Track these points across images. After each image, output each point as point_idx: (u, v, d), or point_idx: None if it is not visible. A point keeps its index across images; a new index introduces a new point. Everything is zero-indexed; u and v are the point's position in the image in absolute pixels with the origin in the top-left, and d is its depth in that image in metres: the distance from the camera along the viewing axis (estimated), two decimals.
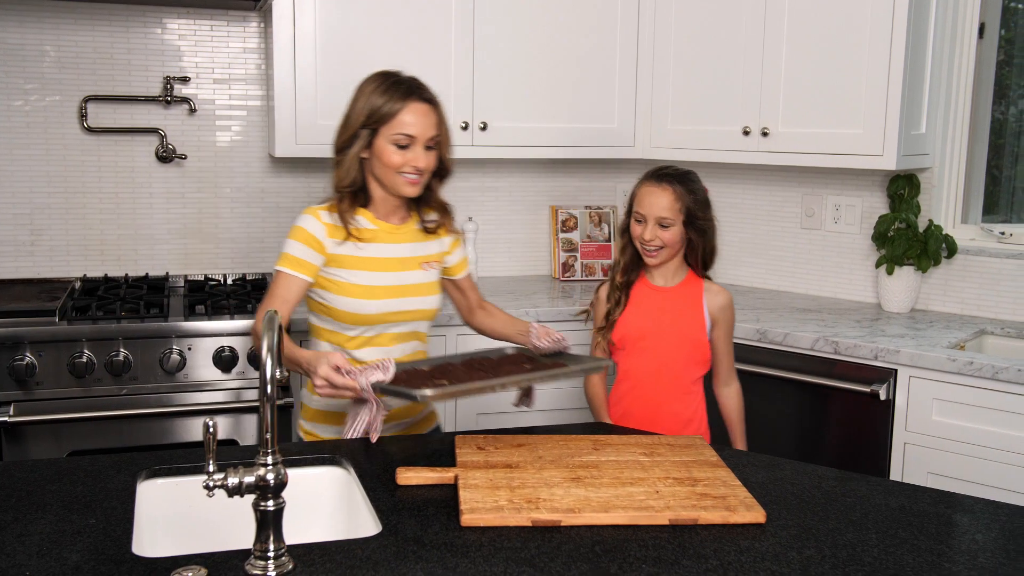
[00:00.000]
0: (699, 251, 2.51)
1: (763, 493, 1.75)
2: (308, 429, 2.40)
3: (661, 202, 2.44)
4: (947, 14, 3.29)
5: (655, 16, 3.60)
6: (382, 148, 2.25)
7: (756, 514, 1.63)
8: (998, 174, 3.61)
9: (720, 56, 3.46)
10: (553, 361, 2.21)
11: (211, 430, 1.42)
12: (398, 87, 2.27)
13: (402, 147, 2.24)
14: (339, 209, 2.29)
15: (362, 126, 2.26)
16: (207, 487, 1.42)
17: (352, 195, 2.31)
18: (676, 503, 1.66)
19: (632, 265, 2.55)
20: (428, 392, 1.83)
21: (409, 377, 2.01)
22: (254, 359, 3.03)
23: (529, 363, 2.18)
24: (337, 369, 1.93)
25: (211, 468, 1.42)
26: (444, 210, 2.45)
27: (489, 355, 2.25)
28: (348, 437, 2.01)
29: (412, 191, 2.30)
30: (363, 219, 2.32)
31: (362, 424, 1.99)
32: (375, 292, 2.28)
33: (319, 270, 2.26)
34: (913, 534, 1.60)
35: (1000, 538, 1.59)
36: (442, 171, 2.39)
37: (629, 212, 2.54)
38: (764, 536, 1.58)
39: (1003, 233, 3.34)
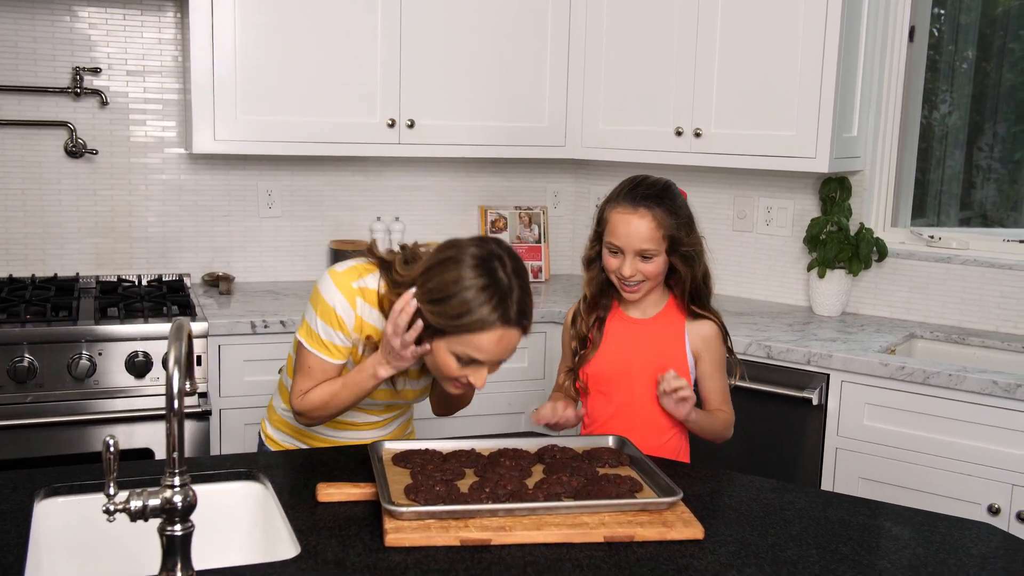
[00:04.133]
0: (685, 282, 2.16)
1: (700, 507, 1.69)
2: (271, 435, 2.23)
3: (640, 231, 2.09)
4: (878, 17, 3.29)
5: (587, 13, 3.54)
6: (441, 352, 1.87)
7: (694, 530, 1.57)
8: (921, 177, 3.63)
9: (653, 56, 3.41)
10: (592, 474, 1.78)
11: (111, 448, 1.30)
12: (494, 295, 1.81)
13: (465, 364, 1.87)
14: (381, 299, 1.97)
15: (431, 313, 1.84)
16: (107, 511, 1.31)
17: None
18: (611, 519, 1.59)
19: (601, 295, 2.23)
20: (401, 509, 1.57)
21: (423, 463, 1.80)
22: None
23: (567, 473, 1.77)
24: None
25: (111, 490, 1.31)
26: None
27: (519, 445, 1.93)
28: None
29: (456, 391, 1.98)
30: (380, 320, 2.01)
31: None
32: (372, 392, 2.06)
33: (351, 351, 2.02)
34: (854, 549, 1.55)
35: (941, 552, 1.55)
36: None
37: (597, 238, 2.19)
38: (703, 554, 1.52)
39: (932, 237, 3.34)
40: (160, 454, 2.90)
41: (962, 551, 1.55)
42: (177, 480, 1.32)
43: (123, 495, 1.32)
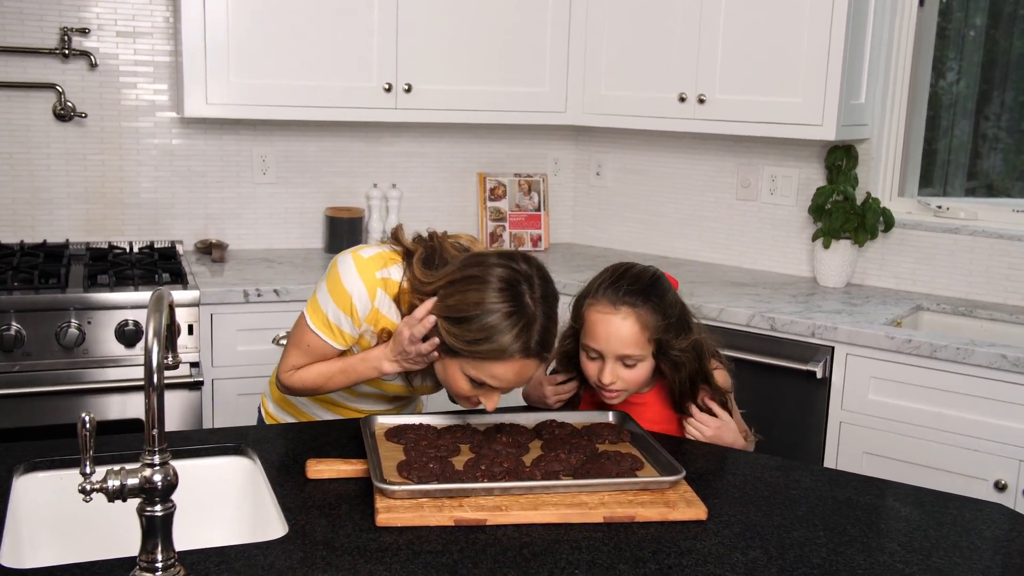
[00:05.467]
0: (675, 387, 1.92)
1: (703, 486, 1.63)
2: (272, 412, 2.16)
3: (621, 335, 1.85)
4: None
5: None
6: (453, 370, 1.77)
7: (697, 510, 1.51)
8: (927, 147, 3.55)
9: (656, 19, 3.32)
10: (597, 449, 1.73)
11: (87, 426, 1.24)
12: (517, 323, 1.69)
13: (477, 386, 1.78)
14: (402, 293, 1.86)
15: (448, 333, 1.73)
16: (83, 491, 1.25)
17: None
18: (611, 498, 1.53)
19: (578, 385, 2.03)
20: (393, 487, 1.51)
21: (417, 439, 1.73)
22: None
23: (569, 448, 1.71)
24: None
25: (87, 469, 1.25)
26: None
27: (517, 419, 1.87)
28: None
29: (464, 407, 1.88)
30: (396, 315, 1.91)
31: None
32: (382, 385, 1.99)
33: (355, 341, 1.92)
34: (862, 530, 1.49)
35: (952, 534, 1.49)
36: None
37: (573, 335, 1.96)
38: (706, 535, 1.46)
39: (940, 207, 3.27)
40: None
41: (974, 533, 1.50)
42: (157, 458, 1.26)
43: (100, 474, 1.26)
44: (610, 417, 1.89)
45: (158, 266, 3.07)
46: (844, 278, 3.28)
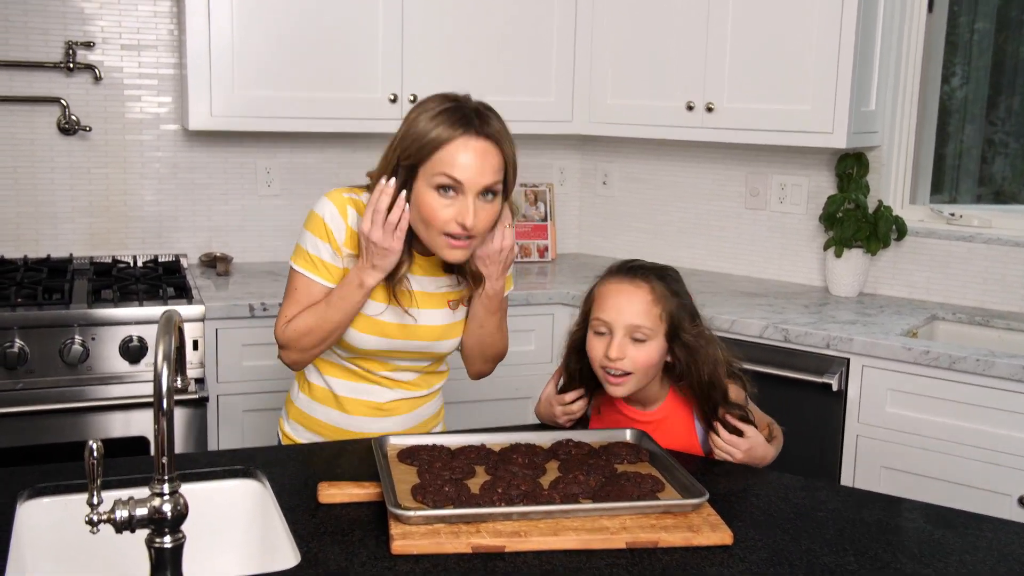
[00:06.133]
0: (693, 382, 1.81)
1: (727, 508, 1.58)
2: (288, 432, 2.09)
3: (633, 304, 1.79)
4: None
5: None
6: (421, 195, 1.79)
7: (722, 535, 1.47)
8: (936, 153, 3.51)
9: (663, 27, 3.28)
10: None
11: (94, 454, 1.20)
12: (452, 114, 1.78)
13: (445, 193, 1.78)
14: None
15: (399, 159, 1.82)
16: (90, 522, 1.21)
17: None
18: (633, 523, 1.49)
19: (581, 385, 1.93)
20: (408, 513, 1.46)
21: (431, 460, 1.68)
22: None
23: (586, 469, 1.65)
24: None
25: (95, 499, 1.21)
26: (476, 280, 1.95)
27: (532, 440, 1.79)
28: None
29: (456, 256, 1.83)
30: None
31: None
32: (382, 328, 1.93)
33: (342, 274, 1.90)
34: (895, 555, 1.45)
35: (989, 559, 1.45)
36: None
37: (584, 321, 1.89)
38: (733, 561, 1.42)
39: (953, 214, 3.23)
40: None
41: (1012, 558, 1.45)
42: (166, 488, 1.22)
43: (107, 504, 1.22)
44: (627, 436, 1.85)
45: (162, 280, 3.03)
46: (856, 287, 3.24)
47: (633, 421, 1.91)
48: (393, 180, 1.82)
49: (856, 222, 3.16)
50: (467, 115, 1.80)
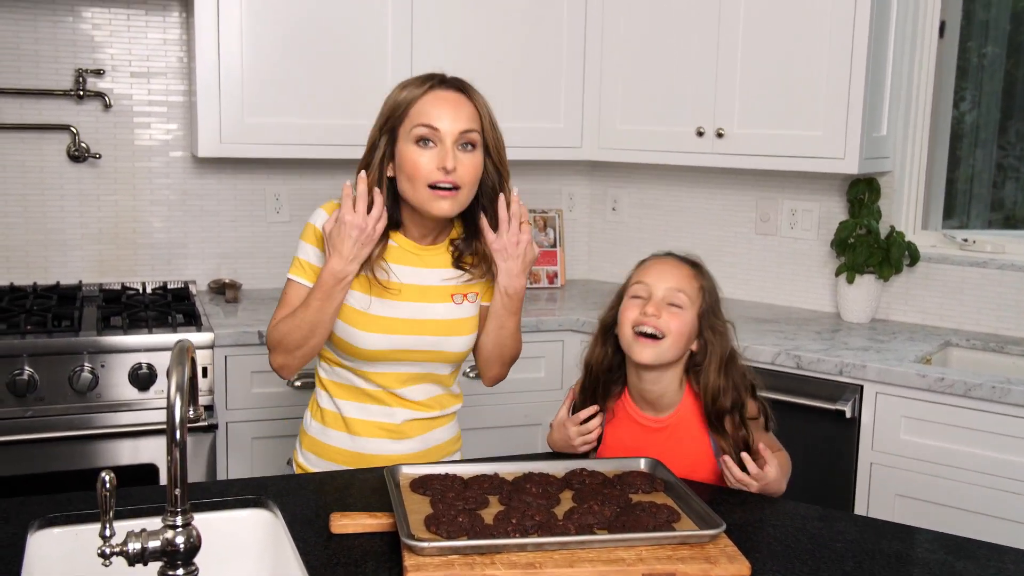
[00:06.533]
0: (710, 373, 1.84)
1: (743, 538, 1.56)
2: (300, 462, 2.07)
3: (676, 272, 1.87)
4: (908, 11, 3.16)
5: (603, 8, 3.41)
6: (403, 154, 1.87)
7: (740, 566, 1.45)
8: (947, 177, 3.50)
9: (673, 53, 3.28)
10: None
11: (107, 485, 1.19)
12: (422, 77, 1.94)
13: (425, 144, 1.86)
14: None
15: (380, 132, 1.92)
16: (103, 555, 1.19)
17: None
18: (649, 554, 1.47)
19: (608, 376, 1.94)
20: (422, 544, 1.44)
21: (444, 490, 1.67)
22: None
23: (600, 500, 1.62)
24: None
25: (107, 531, 1.20)
26: (487, 262, 1.98)
27: (545, 469, 1.78)
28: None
29: (445, 207, 1.86)
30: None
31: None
32: (381, 324, 1.93)
33: None
34: None
35: None
36: (492, 203, 1.93)
37: (616, 304, 1.93)
38: None
39: (966, 240, 3.21)
40: (165, 471, 2.79)
41: None
42: (179, 519, 1.21)
43: (120, 536, 1.21)
44: (642, 465, 1.83)
45: (172, 307, 3.02)
46: (869, 313, 3.22)
47: (645, 426, 1.91)
48: (364, 172, 1.90)
49: (868, 248, 3.15)
50: (434, 74, 1.94)
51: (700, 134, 3.24)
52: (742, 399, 1.87)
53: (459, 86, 1.93)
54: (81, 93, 3.25)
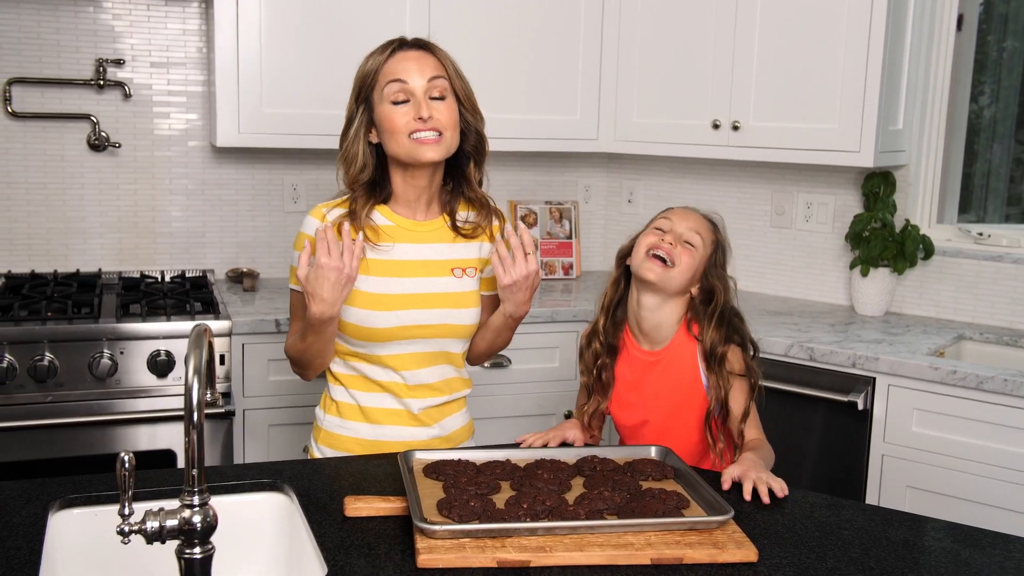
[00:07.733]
0: (710, 317, 1.96)
1: (751, 525, 1.58)
2: (315, 454, 2.10)
3: (692, 218, 2.03)
4: (925, 4, 3.15)
5: (621, 1, 3.42)
6: (381, 115, 1.95)
7: (747, 552, 1.46)
8: (963, 172, 3.49)
9: (689, 45, 3.29)
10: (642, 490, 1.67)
11: (126, 465, 1.22)
12: (382, 45, 2.01)
13: (401, 102, 1.93)
14: (353, 207, 1.99)
15: (356, 103, 2.01)
16: (121, 532, 1.22)
17: (368, 189, 2.00)
18: (658, 539, 1.49)
19: (619, 301, 2.08)
20: (434, 527, 1.47)
21: (456, 475, 1.69)
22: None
23: (610, 487, 1.66)
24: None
25: (126, 510, 1.22)
26: (484, 206, 2.09)
27: (557, 454, 1.82)
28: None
29: (430, 154, 1.93)
30: (379, 215, 2.01)
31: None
32: (389, 302, 1.96)
33: None
34: (921, 575, 1.44)
35: None
36: (477, 151, 2.07)
37: (624, 278, 2.09)
38: None
39: (981, 234, 3.21)
40: (183, 456, 2.83)
41: None
42: (196, 499, 1.23)
43: (138, 515, 1.23)
44: (652, 452, 1.85)
45: (190, 296, 3.06)
46: (883, 307, 3.23)
47: (641, 359, 2.04)
48: (346, 224, 1.90)
49: (883, 241, 3.15)
50: (394, 39, 2.01)
51: (716, 127, 3.25)
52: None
53: (421, 44, 2.00)
54: (101, 83, 3.28)
